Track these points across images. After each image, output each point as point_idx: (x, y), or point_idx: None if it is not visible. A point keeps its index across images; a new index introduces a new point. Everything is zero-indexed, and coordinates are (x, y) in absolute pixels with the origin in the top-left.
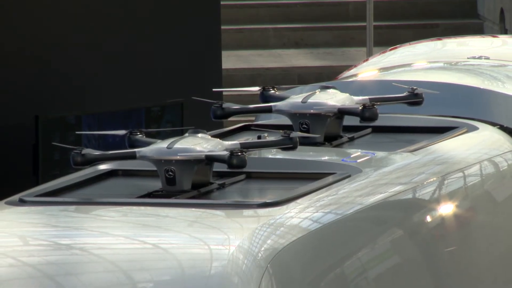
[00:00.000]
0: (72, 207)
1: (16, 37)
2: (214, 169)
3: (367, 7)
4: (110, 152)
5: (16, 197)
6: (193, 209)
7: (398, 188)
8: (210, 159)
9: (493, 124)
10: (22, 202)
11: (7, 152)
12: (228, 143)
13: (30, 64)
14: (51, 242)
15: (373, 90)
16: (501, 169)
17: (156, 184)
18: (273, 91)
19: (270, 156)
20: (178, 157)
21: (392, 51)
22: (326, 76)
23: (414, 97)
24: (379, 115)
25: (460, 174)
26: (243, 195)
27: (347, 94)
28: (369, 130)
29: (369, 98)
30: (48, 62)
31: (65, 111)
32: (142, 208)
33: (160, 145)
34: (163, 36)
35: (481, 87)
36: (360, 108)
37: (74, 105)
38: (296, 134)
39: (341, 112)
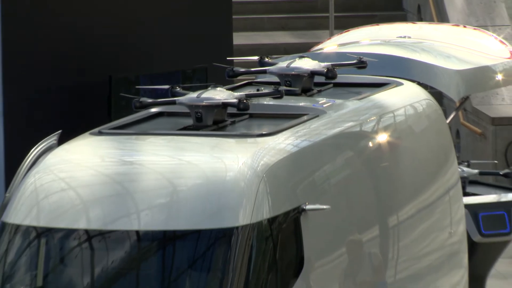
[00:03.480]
0: (133, 136)
1: (95, 17)
2: (228, 111)
3: (330, 3)
4: (158, 100)
5: (96, 130)
6: (214, 138)
7: (350, 123)
8: (225, 105)
9: (412, 81)
10: (100, 133)
11: (90, 101)
12: (237, 94)
13: (106, 39)
14: (119, 159)
15: (334, 58)
16: (418, 110)
17: (189, 121)
18: (267, 59)
19: (265, 102)
20: (204, 103)
21: (346, 33)
22: (302, 50)
23: (360, 63)
24: (338, 75)
25: (391, 113)
26: (247, 128)
27: (316, 61)
28: (331, 85)
29: (331, 64)
30: (120, 37)
31: (128, 73)
32: (180, 137)
33: (192, 95)
34: (196, 23)
35: (405, 56)
36: (325, 70)
37: (134, 68)
38: (283, 88)
39: (312, 73)
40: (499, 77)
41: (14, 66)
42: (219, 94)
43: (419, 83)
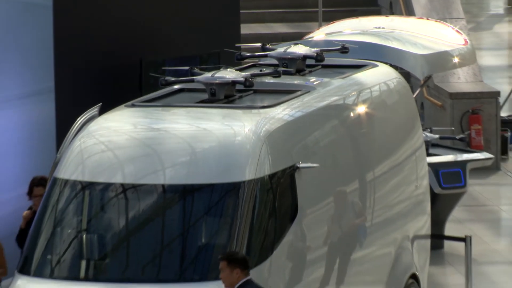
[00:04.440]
0: (160, 108)
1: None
2: (236, 88)
3: (319, 0)
4: (180, 79)
5: (130, 103)
6: (225, 109)
7: (335, 97)
8: (234, 82)
9: (386, 63)
10: (133, 106)
11: (125, 79)
12: (244, 73)
13: (139, 28)
14: (148, 126)
15: (322, 45)
16: (390, 87)
17: (204, 96)
18: (268, 46)
19: (266, 80)
20: (217, 81)
21: (331, 24)
22: (296, 38)
23: (343, 49)
24: (325, 58)
25: (369, 89)
26: (252, 102)
27: (308, 47)
28: (319, 67)
29: (320, 49)
30: (149, 27)
31: (156, 56)
32: (197, 108)
33: (207, 75)
34: (211, 16)
35: (380, 43)
36: (315, 54)
37: (161, 52)
38: (281, 69)
39: (305, 57)
40: (456, 60)
41: (64, 51)
42: (229, 74)
43: (391, 65)
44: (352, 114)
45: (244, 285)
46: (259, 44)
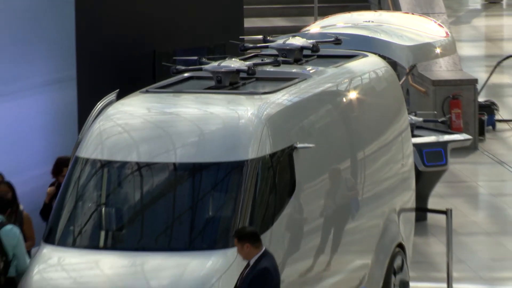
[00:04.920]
0: (171, 94)
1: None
2: (240, 76)
3: None
4: (189, 67)
5: (144, 89)
6: (230, 95)
7: (329, 84)
8: (238, 71)
9: (375, 53)
10: (147, 92)
11: (140, 68)
12: (247, 63)
13: (152, 23)
14: (161, 110)
15: (317, 37)
16: (379, 74)
17: (211, 83)
18: (268, 38)
19: (267, 69)
20: (222, 70)
21: (326, 19)
22: (294, 31)
23: (337, 41)
24: (320, 49)
25: (359, 77)
26: (254, 88)
27: (305, 39)
28: (315, 57)
29: (316, 41)
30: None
31: (167, 47)
32: (205, 94)
33: (214, 64)
34: (217, 11)
35: (369, 36)
36: (311, 46)
37: (172, 44)
38: (280, 58)
39: (302, 48)
40: (438, 50)
41: (84, 43)
42: (234, 63)
43: (379, 55)
44: (344, 99)
45: (261, 258)
46: (260, 37)
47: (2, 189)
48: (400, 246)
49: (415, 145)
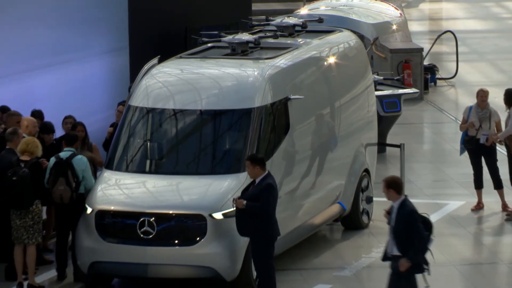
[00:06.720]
0: (199, 59)
1: None
2: (249, 46)
3: None
4: (211, 39)
5: (179, 55)
6: (241, 60)
7: (314, 52)
8: (247, 42)
9: (348, 29)
10: (181, 57)
11: (175, 40)
12: (254, 36)
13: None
14: (191, 70)
15: (306, 17)
16: (351, 44)
17: (227, 51)
18: (270, 18)
19: (268, 41)
20: (236, 41)
21: (312, 4)
22: (288, 12)
23: (320, 20)
24: (308, 26)
25: (336, 46)
26: (259, 55)
27: (296, 19)
28: (304, 32)
29: (304, 20)
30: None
31: (195, 24)
32: (223, 59)
33: (230, 37)
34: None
35: (344, 16)
36: (301, 23)
37: (199, 21)
38: (278, 33)
39: (294, 25)
40: (394, 27)
41: (135, 20)
42: (244, 36)
43: (351, 30)
44: (325, 63)
45: (265, 178)
46: (263, 17)
47: (79, 129)
48: (366, 171)
49: (377, 96)
